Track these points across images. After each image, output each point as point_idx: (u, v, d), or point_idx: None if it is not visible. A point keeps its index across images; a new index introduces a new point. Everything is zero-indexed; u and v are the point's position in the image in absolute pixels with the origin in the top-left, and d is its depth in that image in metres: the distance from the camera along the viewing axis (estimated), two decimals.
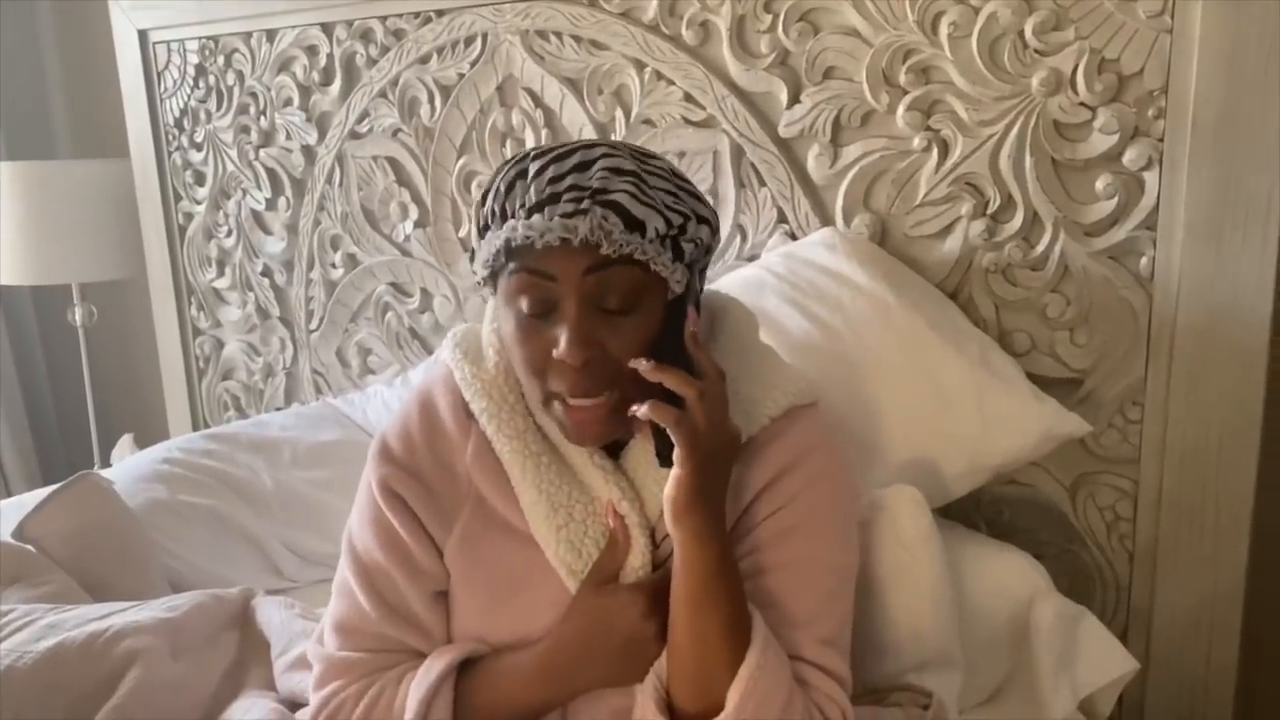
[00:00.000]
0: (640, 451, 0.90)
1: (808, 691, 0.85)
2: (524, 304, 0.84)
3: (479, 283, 0.88)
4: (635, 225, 0.81)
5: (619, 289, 0.82)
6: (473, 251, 0.89)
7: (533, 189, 0.82)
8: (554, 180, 0.82)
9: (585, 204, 0.81)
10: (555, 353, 0.82)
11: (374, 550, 0.93)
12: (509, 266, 0.84)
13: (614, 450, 0.92)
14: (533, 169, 0.83)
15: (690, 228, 0.85)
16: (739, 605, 0.83)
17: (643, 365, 0.81)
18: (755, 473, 0.90)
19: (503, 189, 0.84)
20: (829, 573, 0.90)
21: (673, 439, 0.81)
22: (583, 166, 0.82)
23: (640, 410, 0.81)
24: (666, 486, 0.83)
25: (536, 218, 0.81)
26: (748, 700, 0.80)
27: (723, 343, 0.94)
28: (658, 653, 0.86)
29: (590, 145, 0.84)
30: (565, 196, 0.81)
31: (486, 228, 0.86)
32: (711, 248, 0.89)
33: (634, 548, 0.88)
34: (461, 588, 0.93)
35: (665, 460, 0.83)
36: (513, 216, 0.83)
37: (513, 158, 0.87)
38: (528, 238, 0.81)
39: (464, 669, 0.90)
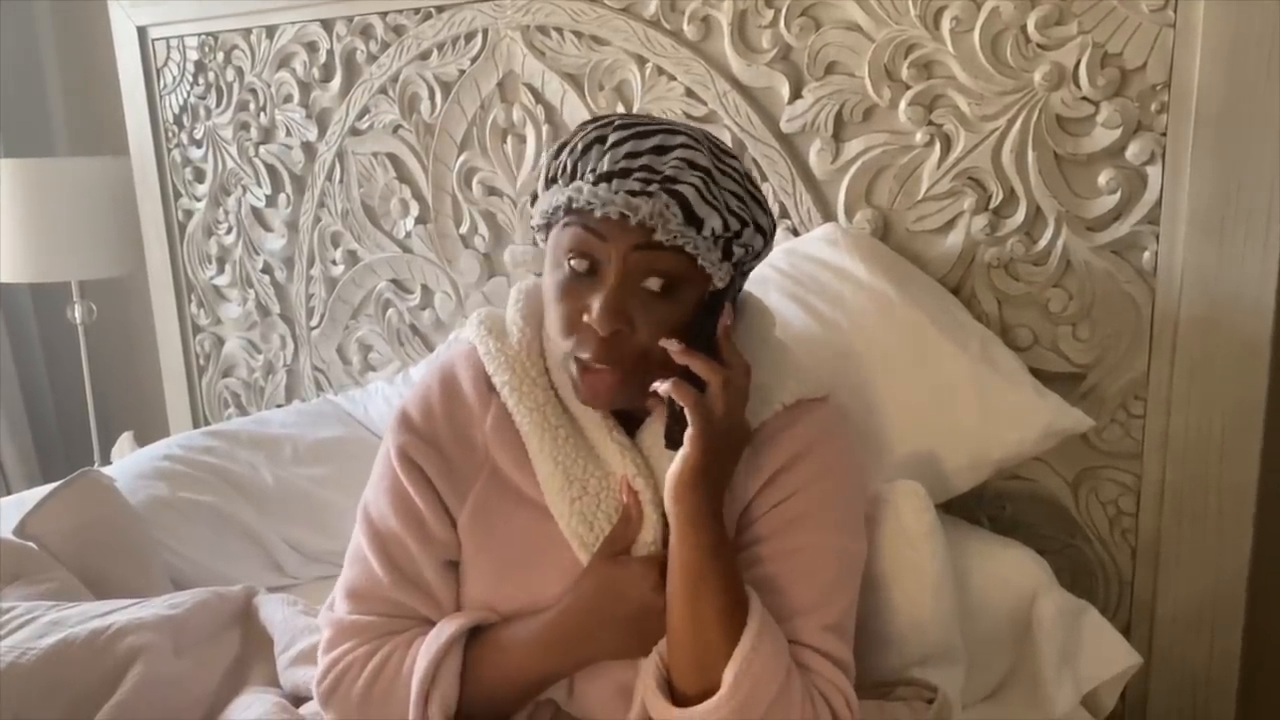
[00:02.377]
0: (657, 429, 0.91)
1: (810, 677, 0.85)
2: (572, 261, 0.86)
3: (532, 228, 0.91)
4: (694, 221, 0.83)
5: (662, 272, 0.84)
6: (534, 195, 0.91)
7: (607, 158, 0.84)
8: (630, 155, 0.84)
9: (653, 188, 0.83)
10: (585, 317, 0.84)
11: (389, 517, 0.94)
12: (565, 220, 0.86)
13: (631, 427, 0.93)
14: (612, 138, 0.85)
15: (746, 234, 0.87)
16: (734, 588, 0.84)
17: (673, 346, 0.84)
18: (765, 460, 0.91)
19: (579, 147, 0.86)
20: (834, 561, 0.91)
21: (688, 419, 0.83)
22: (660, 150, 0.84)
23: (663, 387, 0.83)
24: (672, 464, 0.85)
25: (603, 187, 0.83)
26: (742, 681, 0.81)
27: (740, 334, 0.95)
28: (665, 627, 0.87)
29: (674, 130, 0.86)
30: (636, 174, 0.83)
31: (554, 180, 0.88)
32: (762, 254, 0.91)
33: (646, 523, 0.89)
34: (473, 557, 0.94)
35: (671, 442, 0.85)
36: (581, 178, 0.85)
37: (597, 119, 0.89)
38: (589, 204, 0.83)
39: (473, 637, 0.91)
